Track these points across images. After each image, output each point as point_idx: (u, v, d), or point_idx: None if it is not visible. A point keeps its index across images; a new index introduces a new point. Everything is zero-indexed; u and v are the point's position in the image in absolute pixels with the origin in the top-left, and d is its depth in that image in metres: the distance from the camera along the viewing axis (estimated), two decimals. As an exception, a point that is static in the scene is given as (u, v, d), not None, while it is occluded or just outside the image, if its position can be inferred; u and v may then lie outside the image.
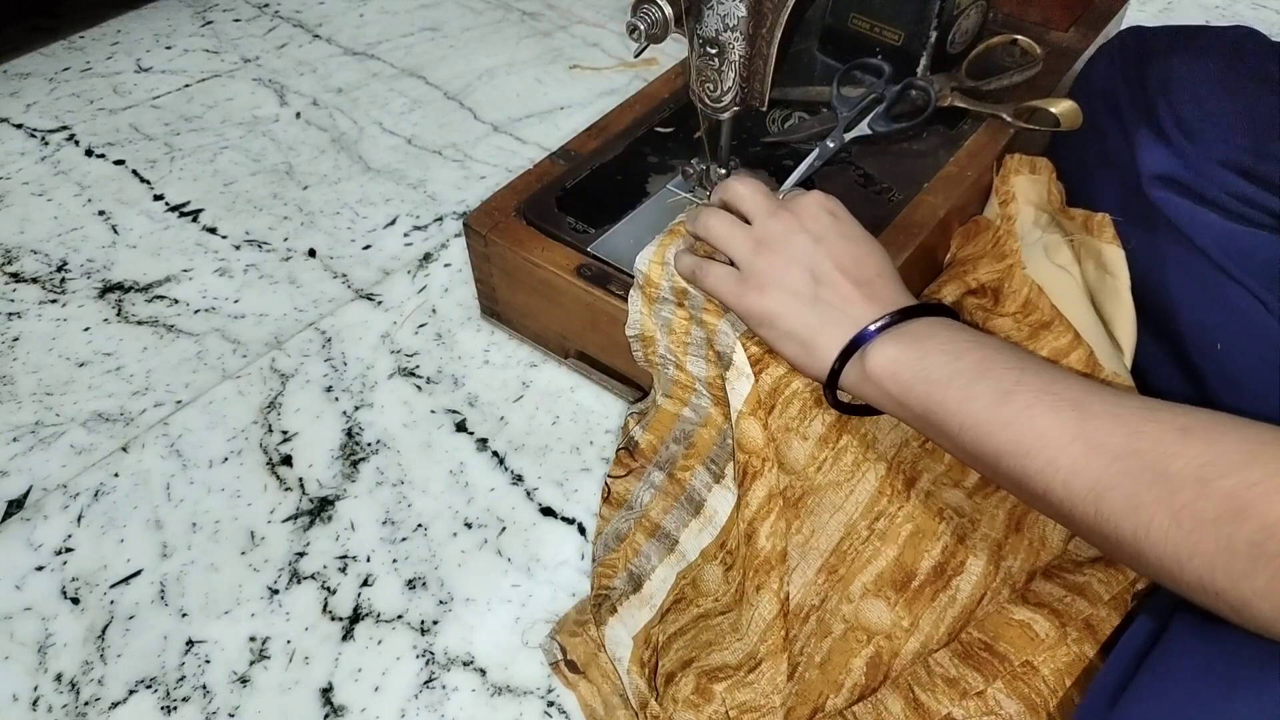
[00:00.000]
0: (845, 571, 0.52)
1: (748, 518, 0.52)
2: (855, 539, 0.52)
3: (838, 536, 0.52)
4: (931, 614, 0.51)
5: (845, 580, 0.52)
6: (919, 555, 0.52)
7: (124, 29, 1.12)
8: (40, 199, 0.88)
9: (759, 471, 0.52)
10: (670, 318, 0.58)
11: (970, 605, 0.51)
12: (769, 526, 0.51)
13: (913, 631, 0.50)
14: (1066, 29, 0.85)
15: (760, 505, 0.52)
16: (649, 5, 0.54)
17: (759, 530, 0.51)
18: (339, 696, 0.55)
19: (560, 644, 0.55)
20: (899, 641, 0.50)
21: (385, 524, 0.63)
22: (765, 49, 0.56)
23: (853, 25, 0.80)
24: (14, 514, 0.63)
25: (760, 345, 0.54)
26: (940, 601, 0.51)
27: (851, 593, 0.51)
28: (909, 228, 0.65)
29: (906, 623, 0.51)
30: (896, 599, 0.51)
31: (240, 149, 0.94)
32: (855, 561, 0.52)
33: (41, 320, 0.77)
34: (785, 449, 0.53)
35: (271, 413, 0.69)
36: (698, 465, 0.57)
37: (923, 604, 0.51)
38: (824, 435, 0.53)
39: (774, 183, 0.70)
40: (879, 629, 0.51)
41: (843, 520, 0.53)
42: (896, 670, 0.50)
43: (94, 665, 0.56)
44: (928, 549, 0.52)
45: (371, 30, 1.13)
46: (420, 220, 0.86)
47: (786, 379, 0.53)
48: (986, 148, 0.72)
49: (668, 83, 0.79)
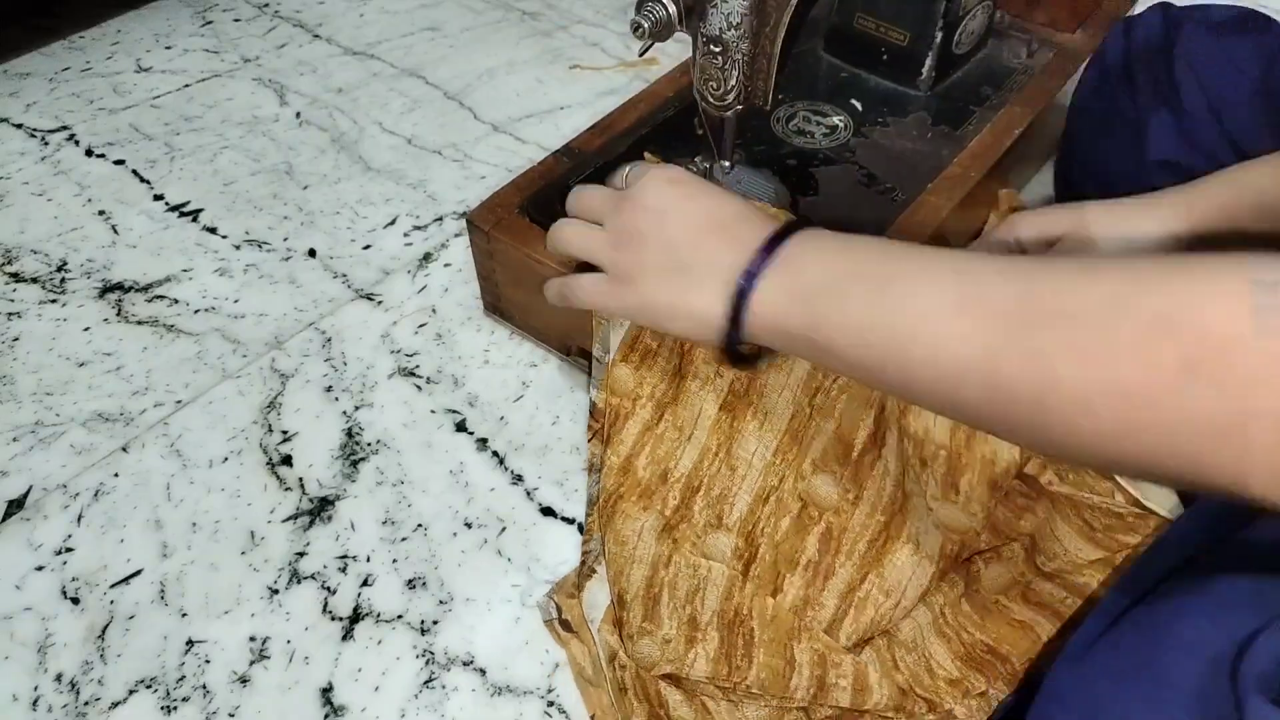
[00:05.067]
0: (797, 450, 0.53)
1: (623, 454, 0.57)
2: (801, 417, 0.53)
3: (788, 415, 0.53)
4: (873, 483, 0.52)
5: (798, 459, 0.53)
6: (855, 425, 0.53)
7: (124, 29, 1.12)
8: (40, 199, 0.88)
9: (630, 411, 0.57)
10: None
11: (898, 477, 0.52)
12: (645, 457, 0.56)
13: (858, 503, 0.52)
14: (1073, 31, 0.85)
15: (635, 440, 0.57)
16: (653, 4, 0.54)
17: (636, 464, 0.56)
18: (339, 696, 0.54)
19: (556, 603, 0.56)
20: (846, 515, 0.52)
21: (385, 524, 0.62)
22: (769, 48, 0.56)
23: (858, 25, 0.80)
24: (14, 514, 0.63)
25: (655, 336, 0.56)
26: (878, 470, 0.52)
27: (804, 469, 0.53)
28: (912, 228, 0.65)
29: (853, 495, 0.52)
30: (841, 472, 0.52)
31: (240, 149, 0.94)
32: (803, 439, 0.53)
33: (41, 320, 0.76)
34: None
35: (271, 413, 0.69)
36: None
37: (864, 472, 0.52)
38: None
39: (776, 181, 0.70)
40: (828, 504, 0.52)
41: (789, 398, 0.53)
42: (845, 548, 0.51)
43: (94, 665, 0.56)
44: (862, 418, 0.53)
45: (371, 30, 1.12)
46: (420, 220, 0.86)
47: None
48: (990, 148, 0.71)
49: (671, 81, 0.79)
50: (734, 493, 0.54)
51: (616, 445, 0.58)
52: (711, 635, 0.52)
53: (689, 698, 0.52)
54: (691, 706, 0.51)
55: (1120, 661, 0.37)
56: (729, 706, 0.51)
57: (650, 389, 0.57)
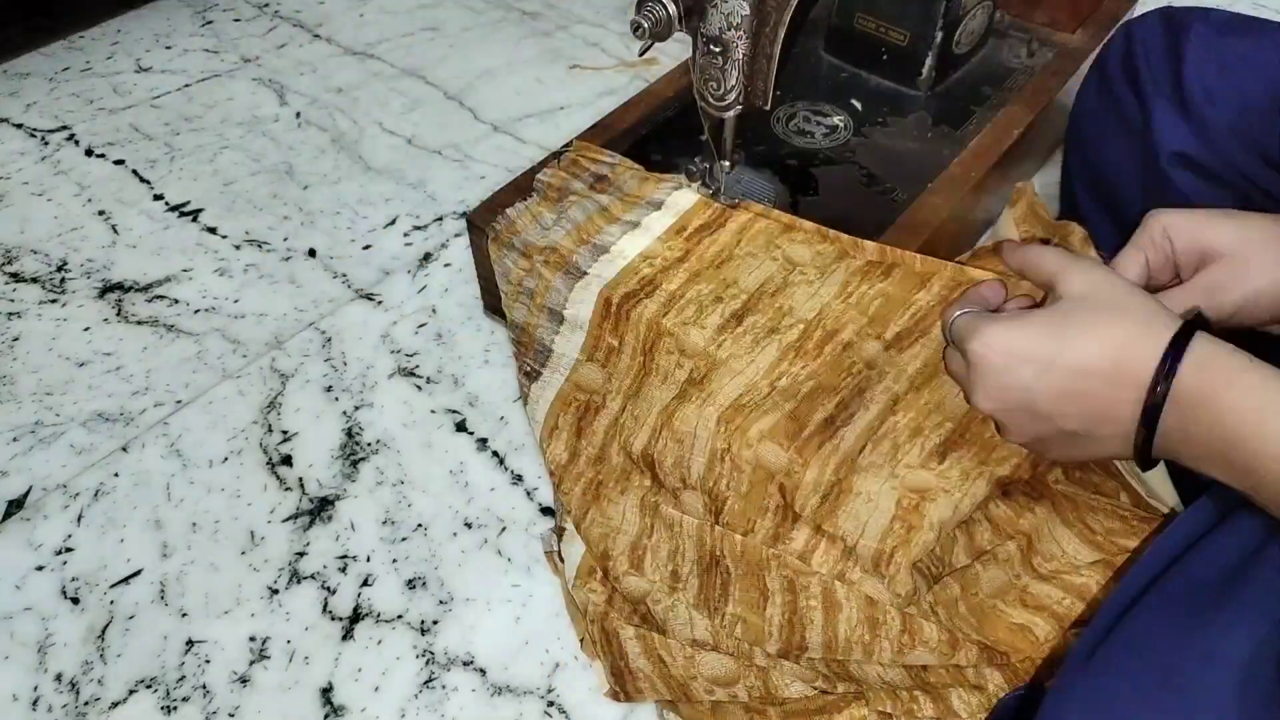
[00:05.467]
0: (742, 421, 0.54)
1: (598, 444, 0.60)
2: (755, 394, 0.55)
3: (735, 393, 0.55)
4: (820, 458, 0.53)
5: (743, 428, 0.54)
6: (814, 408, 0.55)
7: (124, 29, 1.12)
8: (40, 199, 0.88)
9: (600, 405, 0.60)
10: (511, 267, 0.63)
11: (851, 453, 0.53)
12: (616, 446, 0.59)
13: (805, 468, 0.53)
14: (1073, 31, 0.85)
15: (606, 430, 0.60)
16: (653, 4, 0.54)
17: (610, 451, 0.59)
18: (339, 696, 0.54)
19: (557, 535, 0.60)
20: (797, 476, 0.53)
21: (385, 524, 0.62)
22: (769, 48, 0.56)
23: (858, 25, 0.80)
24: (14, 514, 0.63)
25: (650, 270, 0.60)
26: (825, 449, 0.54)
27: (750, 438, 0.54)
28: (912, 228, 0.65)
29: (800, 462, 0.54)
30: (789, 445, 0.54)
31: (240, 149, 0.94)
32: (751, 414, 0.55)
33: (41, 320, 0.76)
34: (684, 338, 0.57)
35: (271, 413, 0.69)
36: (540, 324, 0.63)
37: (811, 450, 0.54)
38: (721, 325, 0.57)
39: (776, 181, 0.70)
40: (778, 468, 0.54)
41: (742, 382, 0.56)
42: (800, 502, 0.53)
43: (94, 665, 0.56)
44: (824, 403, 0.55)
45: (371, 30, 1.12)
46: (420, 220, 0.86)
47: (681, 290, 0.59)
48: (991, 148, 0.71)
49: (671, 81, 0.79)
50: (687, 459, 0.56)
51: (590, 437, 0.61)
52: (691, 583, 0.55)
53: (647, 650, 0.54)
54: (649, 659, 0.54)
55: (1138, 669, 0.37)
56: (685, 660, 0.53)
57: (618, 384, 0.60)
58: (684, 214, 0.63)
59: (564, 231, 0.62)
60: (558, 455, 0.61)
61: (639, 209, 0.63)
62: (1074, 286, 0.46)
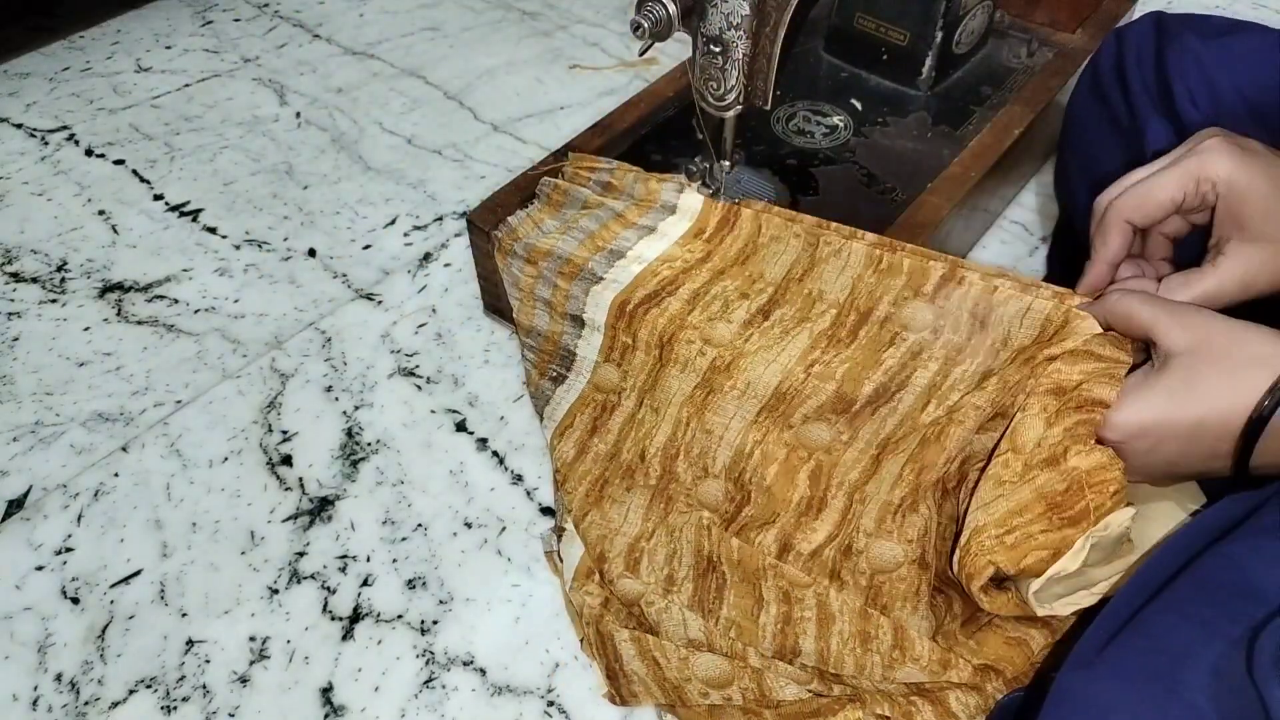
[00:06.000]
0: (786, 407, 0.54)
1: (610, 440, 0.60)
2: (794, 380, 0.54)
3: (775, 381, 0.54)
4: (871, 425, 0.53)
5: (786, 414, 0.54)
6: (859, 384, 0.54)
7: (124, 29, 1.12)
8: (40, 199, 0.88)
9: (616, 404, 0.60)
10: (519, 275, 0.64)
11: (911, 413, 0.52)
12: (629, 443, 0.60)
13: (850, 443, 0.53)
14: (1073, 31, 0.85)
15: (621, 426, 0.60)
16: (653, 3, 0.54)
17: (623, 448, 0.60)
18: (339, 696, 0.54)
19: (556, 535, 0.61)
20: (838, 453, 0.53)
21: (385, 524, 0.62)
22: (769, 48, 0.56)
23: (858, 25, 0.80)
24: (14, 514, 0.63)
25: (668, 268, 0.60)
26: (881, 413, 0.53)
27: (792, 422, 0.54)
28: (912, 228, 0.65)
29: (846, 436, 0.53)
30: (837, 420, 0.53)
31: (240, 149, 0.94)
32: (795, 399, 0.54)
33: (41, 320, 0.76)
34: (710, 330, 0.57)
35: (271, 412, 0.69)
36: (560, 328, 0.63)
37: (863, 419, 0.53)
38: (748, 319, 0.57)
39: (776, 181, 0.70)
40: (819, 445, 0.54)
41: (778, 370, 0.55)
42: (836, 480, 0.53)
43: (94, 665, 0.56)
44: (869, 377, 0.54)
45: (371, 30, 1.12)
46: (420, 220, 0.86)
47: (705, 288, 0.59)
48: (990, 148, 0.71)
49: (671, 81, 0.79)
50: (714, 450, 0.56)
51: (604, 434, 0.61)
52: (686, 586, 0.55)
53: (642, 653, 0.54)
54: (644, 662, 0.54)
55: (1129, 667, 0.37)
56: (680, 662, 0.53)
57: (632, 381, 0.60)
58: (699, 216, 0.62)
59: (577, 241, 0.62)
60: (565, 453, 0.61)
61: (653, 213, 0.63)
62: (1177, 341, 0.46)
